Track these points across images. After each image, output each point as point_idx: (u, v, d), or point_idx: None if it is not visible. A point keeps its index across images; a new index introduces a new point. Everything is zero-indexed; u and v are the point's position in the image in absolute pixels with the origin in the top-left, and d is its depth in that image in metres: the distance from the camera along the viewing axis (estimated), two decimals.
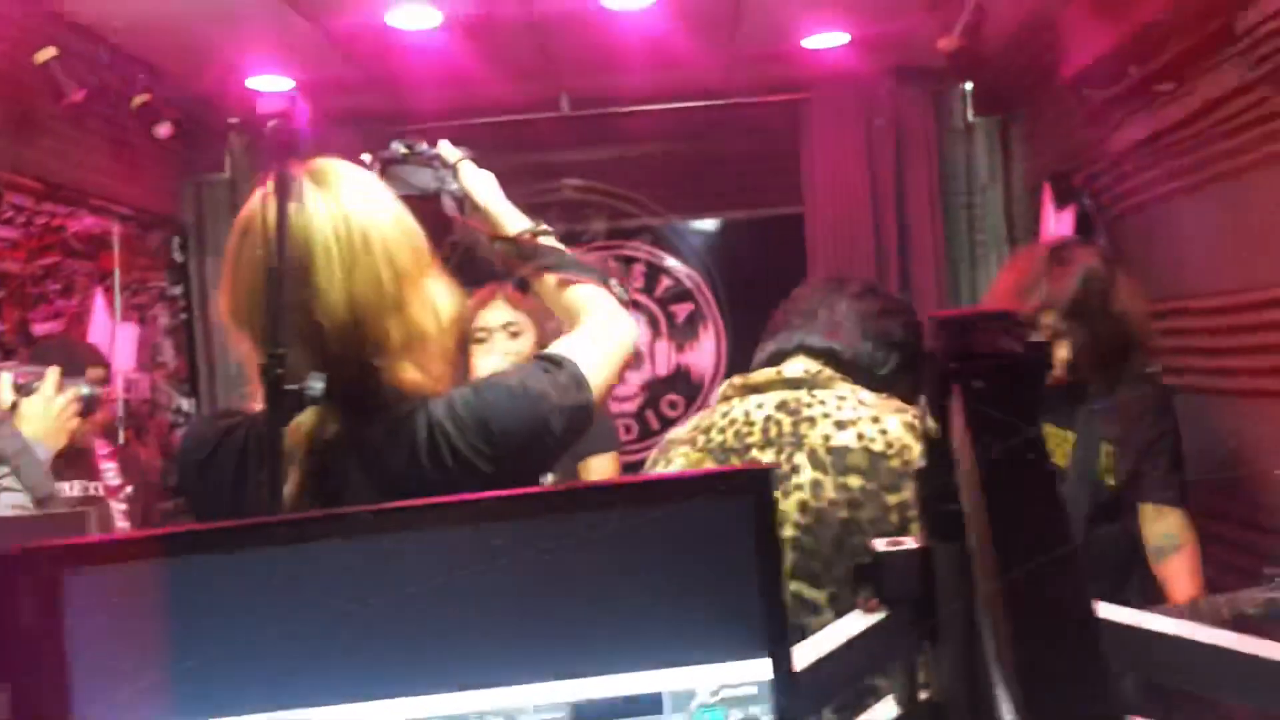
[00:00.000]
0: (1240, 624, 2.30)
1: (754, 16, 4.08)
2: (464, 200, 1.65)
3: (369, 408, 1.37)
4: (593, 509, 0.62)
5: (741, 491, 0.60)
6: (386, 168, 1.64)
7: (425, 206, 1.61)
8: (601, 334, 1.51)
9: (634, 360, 1.58)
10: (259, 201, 1.37)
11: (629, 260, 5.36)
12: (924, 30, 4.15)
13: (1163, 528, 2.60)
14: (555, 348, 1.49)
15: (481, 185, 1.67)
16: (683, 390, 5.39)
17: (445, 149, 1.68)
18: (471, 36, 4.01)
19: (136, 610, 0.61)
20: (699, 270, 5.41)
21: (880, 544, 0.98)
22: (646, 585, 0.61)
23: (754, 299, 2.01)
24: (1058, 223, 4.21)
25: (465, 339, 2.74)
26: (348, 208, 1.36)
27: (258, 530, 0.62)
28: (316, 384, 1.33)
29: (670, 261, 5.41)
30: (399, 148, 1.65)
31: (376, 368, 1.36)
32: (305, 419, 1.36)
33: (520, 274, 1.68)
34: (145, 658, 0.62)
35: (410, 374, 1.38)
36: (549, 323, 2.83)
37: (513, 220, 1.65)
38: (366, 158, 1.65)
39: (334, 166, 1.42)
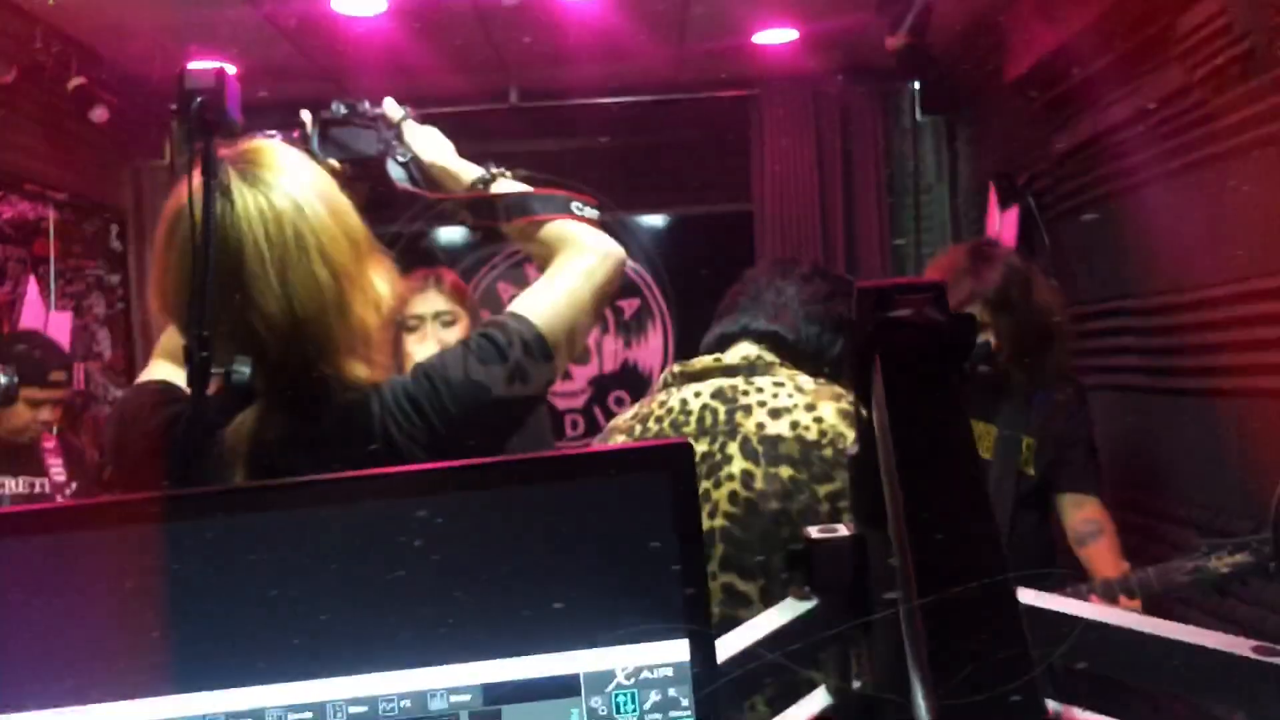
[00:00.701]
0: (1171, 593, 2.47)
1: (703, 11, 4.07)
2: (410, 163, 1.57)
3: (314, 405, 1.32)
4: (506, 484, 0.60)
5: (661, 468, 0.58)
6: (326, 130, 1.56)
7: (365, 170, 1.54)
8: (568, 278, 1.45)
9: (621, 277, 1.49)
10: (187, 189, 1.30)
11: None
12: (872, 29, 4.17)
13: (1083, 515, 2.72)
14: (515, 305, 1.43)
15: (427, 142, 1.59)
16: (630, 386, 5.37)
17: (389, 107, 1.60)
18: (418, 24, 3.96)
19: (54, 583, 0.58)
20: (647, 265, 5.39)
21: (812, 531, 0.97)
22: (563, 564, 0.59)
23: (702, 295, 1.98)
24: (1002, 221, 4.24)
25: (396, 326, 2.68)
26: (279, 205, 1.29)
27: (154, 505, 0.59)
28: (243, 368, 1.29)
29: None
30: (339, 108, 1.57)
31: (320, 367, 1.31)
32: (246, 419, 1.31)
33: (481, 226, 1.61)
34: (29, 637, 0.59)
35: (355, 370, 1.33)
36: (483, 311, 2.80)
37: (464, 173, 1.57)
38: (306, 116, 1.57)
39: (265, 154, 1.34)
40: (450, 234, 4.99)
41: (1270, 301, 2.61)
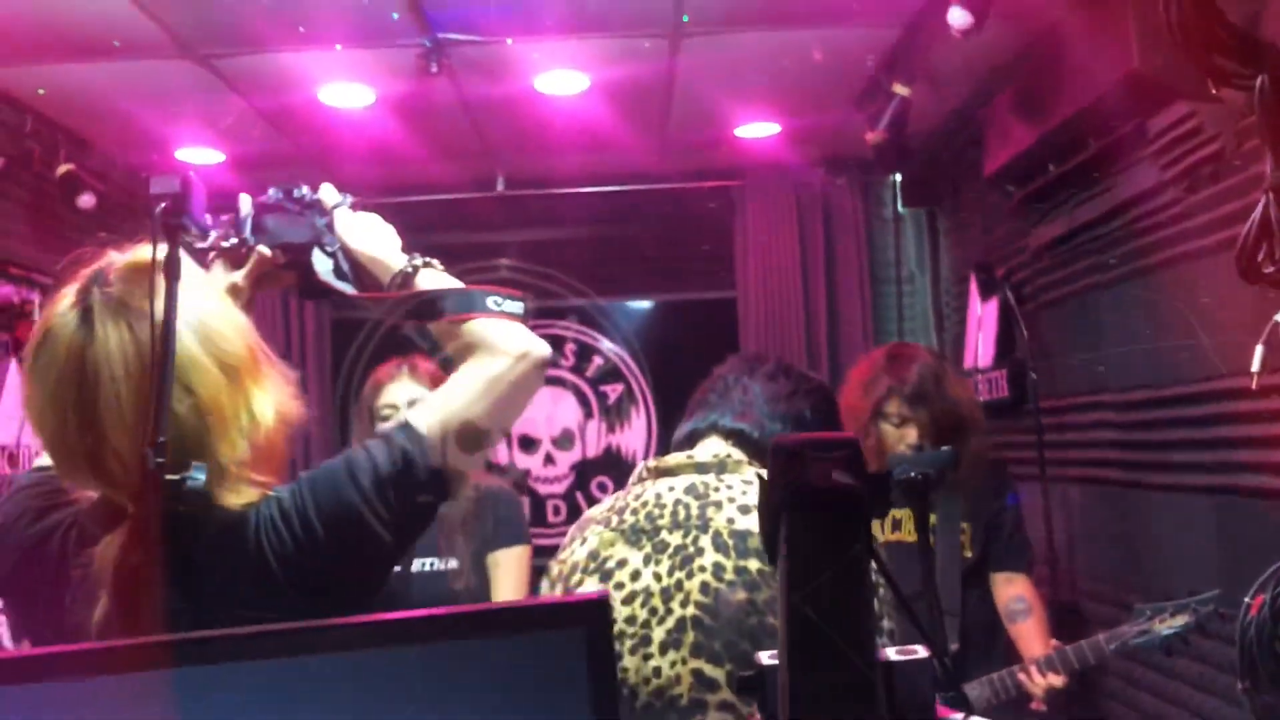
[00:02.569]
0: (1122, 656, 2.70)
1: (686, 105, 4.15)
2: (337, 253, 1.51)
3: (182, 530, 1.24)
4: (425, 639, 0.59)
5: (577, 623, 0.57)
6: (260, 216, 1.52)
7: (295, 258, 1.50)
8: (462, 377, 1.40)
9: (540, 376, 1.42)
10: (58, 319, 1.28)
11: (559, 340, 5.35)
12: (852, 124, 4.24)
13: (1012, 592, 2.97)
14: (411, 413, 1.38)
15: (359, 231, 1.53)
16: (613, 471, 5.35)
17: (326, 193, 1.55)
18: (405, 116, 4.02)
19: None
20: (630, 351, 5.41)
21: (763, 657, 0.95)
22: (482, 717, 0.58)
23: (686, 381, 2.00)
24: (983, 312, 4.27)
25: (373, 416, 2.68)
26: (142, 338, 1.24)
27: (71, 659, 0.58)
28: (199, 475, 1.27)
29: (603, 342, 5.41)
30: (275, 193, 1.53)
31: (183, 497, 1.22)
32: (115, 540, 1.26)
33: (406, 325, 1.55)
34: None
35: (226, 498, 1.27)
36: None
37: (395, 265, 1.50)
38: (244, 200, 1.53)
39: (140, 276, 1.29)
40: None
41: (1245, 400, 2.62)
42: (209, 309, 1.33)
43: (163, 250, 1.28)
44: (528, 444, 5.28)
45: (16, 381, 4.18)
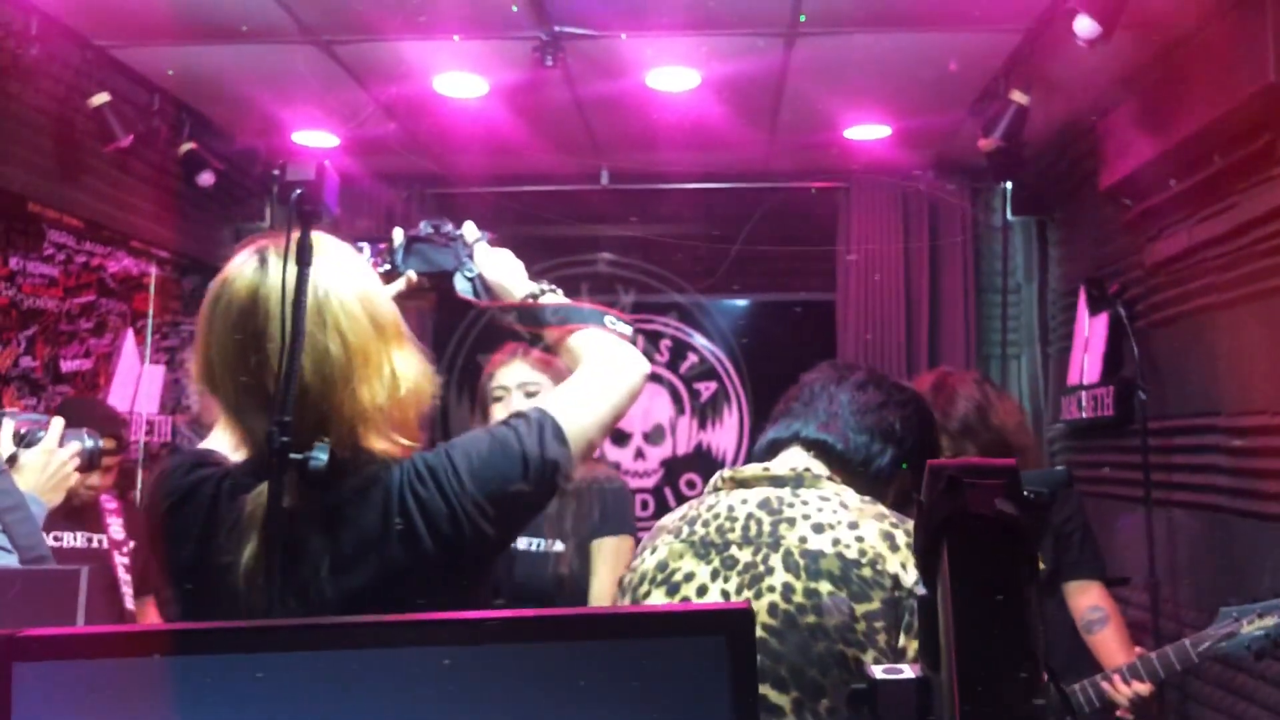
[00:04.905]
0: (1210, 659, 2.61)
1: (796, 105, 4.12)
2: (476, 278, 1.74)
3: (330, 476, 1.34)
4: (566, 637, 0.59)
5: (719, 630, 0.57)
6: (411, 245, 1.75)
7: (437, 280, 1.75)
8: (589, 382, 1.56)
9: (640, 389, 1.61)
10: (236, 267, 1.40)
11: (656, 335, 5.35)
12: (965, 129, 4.18)
13: (1087, 601, 2.94)
14: (537, 401, 1.52)
15: (494, 263, 1.74)
16: (702, 468, 5.34)
17: (468, 230, 1.76)
18: (516, 107, 4.06)
19: (87, 708, 0.59)
20: (725, 350, 5.40)
21: (877, 671, 0.94)
22: (619, 717, 0.59)
23: (780, 381, 1.97)
24: (1091, 327, 4.17)
25: (485, 399, 2.73)
26: (304, 281, 1.36)
27: (204, 636, 0.60)
28: (320, 454, 1.32)
29: (698, 339, 5.40)
30: (426, 227, 1.76)
31: (331, 437, 1.35)
32: (263, 491, 1.34)
33: (528, 334, 1.77)
34: None
35: (371, 442, 1.38)
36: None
37: (520, 289, 1.72)
38: (397, 233, 1.75)
39: (312, 240, 1.40)
40: None
41: None
42: (369, 279, 1.47)
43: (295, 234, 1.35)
44: (619, 437, 5.30)
45: (133, 350, 4.33)
